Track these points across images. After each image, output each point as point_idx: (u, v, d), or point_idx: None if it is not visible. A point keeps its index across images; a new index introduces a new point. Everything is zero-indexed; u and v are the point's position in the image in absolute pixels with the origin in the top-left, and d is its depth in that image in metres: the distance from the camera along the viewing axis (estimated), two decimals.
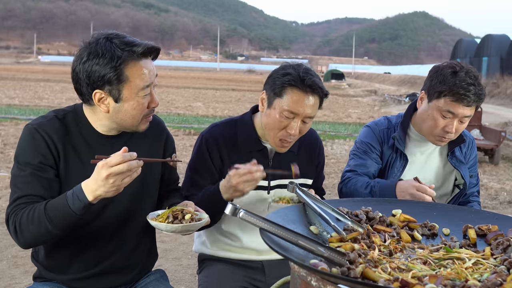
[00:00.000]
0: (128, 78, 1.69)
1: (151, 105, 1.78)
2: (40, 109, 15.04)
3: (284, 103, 1.95)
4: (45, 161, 1.72)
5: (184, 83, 35.64)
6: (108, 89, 1.70)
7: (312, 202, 1.51)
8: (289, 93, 1.95)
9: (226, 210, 1.20)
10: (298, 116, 1.96)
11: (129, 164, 1.52)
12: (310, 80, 1.94)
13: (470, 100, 2.11)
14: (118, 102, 1.72)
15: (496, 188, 7.51)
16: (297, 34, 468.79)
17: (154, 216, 1.77)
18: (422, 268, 1.21)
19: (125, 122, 1.77)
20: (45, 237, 1.65)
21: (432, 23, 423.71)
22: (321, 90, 1.98)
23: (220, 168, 2.10)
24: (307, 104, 1.96)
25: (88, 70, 1.68)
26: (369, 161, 2.33)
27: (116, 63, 1.67)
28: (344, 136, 12.49)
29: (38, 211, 1.61)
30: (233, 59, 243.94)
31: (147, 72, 1.73)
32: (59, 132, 1.76)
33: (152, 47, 1.75)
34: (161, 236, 4.74)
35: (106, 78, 1.67)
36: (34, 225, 1.61)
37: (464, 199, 2.44)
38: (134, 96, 1.72)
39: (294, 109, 1.94)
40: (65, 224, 1.61)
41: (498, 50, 32.61)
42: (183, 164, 8.04)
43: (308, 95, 1.96)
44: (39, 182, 1.69)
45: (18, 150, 1.74)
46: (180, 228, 1.69)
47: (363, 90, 37.57)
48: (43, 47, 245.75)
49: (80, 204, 1.56)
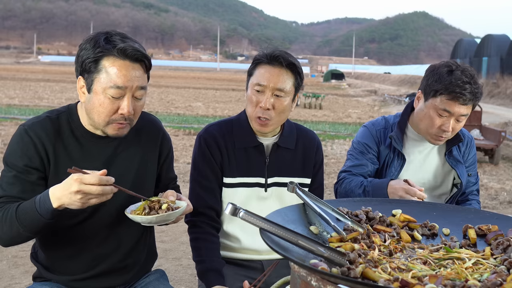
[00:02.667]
0: (102, 70, 1.67)
1: (120, 111, 1.70)
2: (40, 109, 15.03)
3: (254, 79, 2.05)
4: (31, 164, 1.71)
5: (184, 83, 35.65)
6: (86, 76, 1.71)
7: (312, 202, 1.51)
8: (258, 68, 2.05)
9: (226, 210, 1.20)
10: (267, 89, 2.01)
11: (103, 189, 1.51)
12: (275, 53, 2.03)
13: (466, 98, 2.11)
14: (89, 92, 1.72)
15: (496, 188, 7.51)
16: (297, 34, 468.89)
17: (133, 209, 1.75)
18: (422, 268, 1.20)
19: (92, 116, 1.74)
20: (18, 238, 1.65)
21: (432, 23, 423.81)
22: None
23: (221, 164, 2.11)
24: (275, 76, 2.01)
25: (78, 53, 1.72)
26: (364, 161, 2.33)
27: (96, 51, 1.67)
28: (344, 136, 12.49)
29: (11, 213, 1.62)
30: (233, 59, 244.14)
31: (125, 75, 1.67)
32: (50, 133, 1.76)
33: (134, 49, 1.68)
34: (161, 236, 4.74)
35: (85, 64, 1.68)
36: (7, 226, 1.62)
37: (463, 198, 2.44)
38: (101, 91, 1.68)
39: (261, 81, 2.02)
40: (35, 227, 1.60)
41: (498, 50, 32.61)
42: (182, 164, 8.05)
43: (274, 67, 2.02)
44: (21, 184, 1.70)
45: (7, 151, 1.75)
46: (155, 218, 1.67)
47: (363, 90, 37.58)
48: (43, 47, 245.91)
49: (47, 209, 1.56)
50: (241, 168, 2.11)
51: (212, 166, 2.10)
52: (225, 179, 2.11)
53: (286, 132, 2.17)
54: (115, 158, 1.84)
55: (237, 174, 2.11)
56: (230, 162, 2.11)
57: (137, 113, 1.77)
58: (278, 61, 2.01)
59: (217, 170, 2.10)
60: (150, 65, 1.77)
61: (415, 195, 1.94)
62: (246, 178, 2.12)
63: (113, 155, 1.84)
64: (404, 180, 2.03)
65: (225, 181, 2.11)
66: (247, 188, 2.12)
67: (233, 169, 2.11)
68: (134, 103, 1.73)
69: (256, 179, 2.12)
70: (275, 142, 2.15)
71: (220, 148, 2.10)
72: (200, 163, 2.11)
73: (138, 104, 1.75)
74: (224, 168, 2.11)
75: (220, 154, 2.10)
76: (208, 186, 2.10)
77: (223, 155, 2.10)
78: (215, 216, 2.10)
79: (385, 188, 2.06)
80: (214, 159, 2.10)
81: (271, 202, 2.12)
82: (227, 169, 2.10)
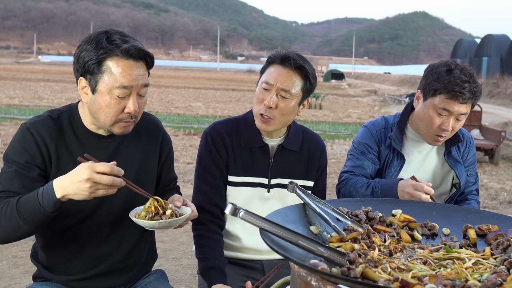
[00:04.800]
0: (107, 71, 1.68)
1: (126, 110, 1.72)
2: (40, 109, 15.03)
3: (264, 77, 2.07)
4: (32, 160, 1.71)
5: (184, 83, 35.65)
6: (89, 78, 1.70)
7: (312, 202, 1.51)
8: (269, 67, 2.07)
9: (226, 210, 1.20)
10: (272, 88, 2.03)
11: (113, 179, 1.50)
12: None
13: (465, 97, 2.12)
14: (94, 93, 1.72)
15: (496, 188, 7.51)
16: (297, 34, 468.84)
17: (138, 211, 1.74)
18: (422, 268, 1.20)
19: (98, 117, 1.74)
20: (17, 233, 1.63)
21: (432, 23, 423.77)
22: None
23: (226, 161, 2.11)
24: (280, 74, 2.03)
25: (78, 55, 1.70)
26: (366, 161, 2.33)
27: (99, 52, 1.67)
28: (344, 136, 12.49)
29: (11, 205, 1.61)
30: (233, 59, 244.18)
31: (129, 74, 1.68)
32: (52, 131, 1.76)
33: (137, 48, 1.70)
34: (161, 236, 4.74)
35: (87, 65, 1.68)
36: (6, 219, 1.61)
37: (462, 198, 2.44)
38: (107, 92, 1.69)
39: (269, 80, 2.03)
40: (35, 220, 1.58)
41: (498, 50, 32.63)
42: (182, 164, 8.05)
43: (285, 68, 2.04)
44: (21, 180, 1.70)
45: (9, 148, 1.75)
46: (157, 224, 1.67)
47: (363, 90, 37.58)
48: (43, 47, 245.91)
49: (49, 200, 1.55)
50: (245, 167, 2.12)
51: (218, 164, 2.10)
52: (230, 178, 2.12)
53: (291, 134, 2.18)
54: (116, 158, 1.84)
55: (242, 173, 2.12)
56: (236, 161, 2.11)
57: (141, 110, 1.80)
58: (288, 62, 2.02)
59: (223, 167, 2.11)
60: (152, 62, 1.79)
61: (423, 189, 1.95)
62: (250, 178, 2.12)
63: (114, 155, 1.85)
64: (411, 177, 2.04)
65: (230, 180, 2.12)
66: (250, 188, 2.12)
67: (238, 168, 2.11)
68: (138, 101, 1.75)
69: (259, 179, 2.13)
70: (280, 143, 2.15)
71: (226, 146, 2.11)
72: (206, 160, 2.12)
73: (141, 101, 1.78)
74: (229, 166, 2.11)
75: (226, 152, 2.11)
76: (214, 183, 2.10)
77: (228, 153, 2.11)
78: (220, 213, 2.11)
79: (395, 188, 2.06)
80: (220, 156, 2.10)
81: (273, 203, 2.12)
82: (232, 168, 2.11)
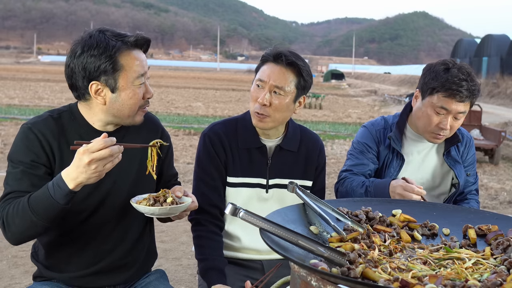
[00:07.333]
0: (123, 66, 1.73)
1: (146, 96, 1.82)
2: (40, 109, 15.03)
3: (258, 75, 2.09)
4: (37, 159, 1.73)
5: (184, 83, 35.65)
6: (104, 79, 1.72)
7: (312, 202, 1.51)
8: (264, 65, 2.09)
9: (226, 210, 1.20)
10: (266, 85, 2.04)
11: (111, 149, 1.53)
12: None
13: (462, 95, 2.12)
14: (114, 92, 1.75)
15: (496, 188, 7.51)
16: (297, 34, 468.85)
17: (139, 199, 1.79)
18: (422, 268, 1.21)
19: (122, 113, 1.78)
20: (31, 230, 1.65)
21: (432, 23, 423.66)
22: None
23: (225, 162, 2.11)
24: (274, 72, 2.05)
25: (84, 62, 1.71)
26: (365, 161, 2.34)
27: (111, 52, 1.70)
28: (344, 136, 12.49)
29: (22, 204, 1.62)
30: (233, 59, 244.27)
31: (140, 62, 1.78)
32: (54, 130, 1.77)
33: (143, 37, 1.80)
34: (161, 236, 4.74)
35: (102, 68, 1.70)
36: (19, 218, 1.62)
37: (462, 197, 2.44)
38: (130, 85, 1.75)
39: (262, 77, 2.05)
40: (49, 215, 1.60)
41: (498, 50, 32.61)
42: (182, 164, 8.04)
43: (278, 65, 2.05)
44: (29, 179, 1.70)
45: (12, 149, 1.76)
46: (158, 210, 1.71)
47: (363, 90, 37.58)
48: (43, 47, 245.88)
49: (62, 193, 1.56)
50: (244, 168, 2.12)
51: (217, 164, 2.10)
52: (229, 178, 2.12)
53: (289, 134, 2.18)
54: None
55: (240, 174, 2.12)
56: (234, 161, 2.11)
57: None
58: (281, 59, 2.03)
59: (221, 168, 2.11)
60: (148, 47, 1.87)
61: (413, 191, 1.94)
62: (248, 178, 2.12)
63: None
64: (402, 178, 2.04)
65: (229, 180, 2.12)
66: (249, 189, 2.12)
67: (237, 169, 2.11)
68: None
69: (257, 180, 2.13)
70: (278, 144, 2.15)
71: (224, 147, 2.11)
72: (205, 161, 2.12)
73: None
74: (228, 167, 2.11)
75: (225, 152, 2.11)
76: (212, 184, 2.10)
77: (227, 154, 2.11)
78: (219, 214, 2.11)
79: (386, 188, 2.06)
80: (218, 157, 2.11)
81: (272, 203, 2.12)
82: (230, 168, 2.11)
